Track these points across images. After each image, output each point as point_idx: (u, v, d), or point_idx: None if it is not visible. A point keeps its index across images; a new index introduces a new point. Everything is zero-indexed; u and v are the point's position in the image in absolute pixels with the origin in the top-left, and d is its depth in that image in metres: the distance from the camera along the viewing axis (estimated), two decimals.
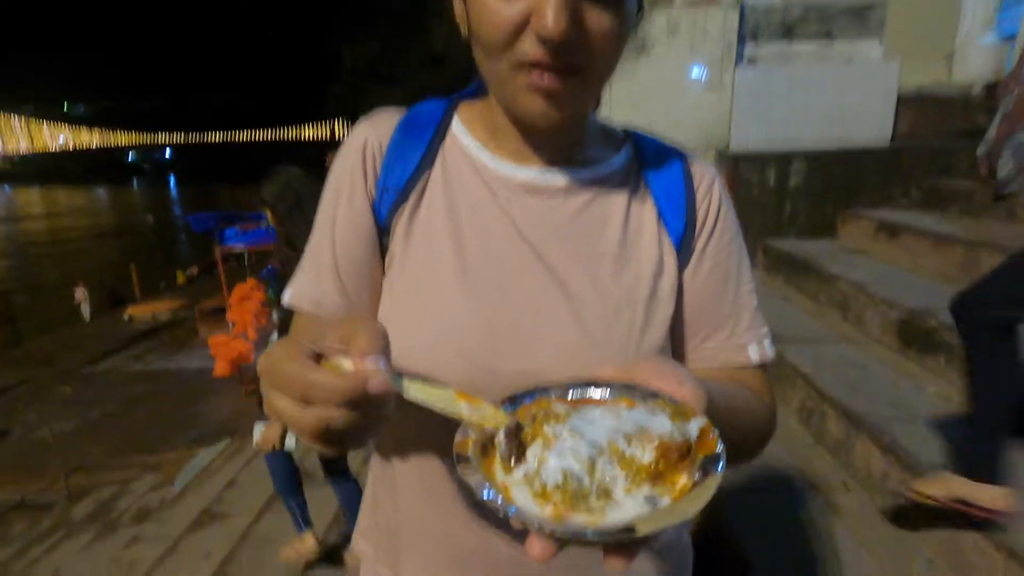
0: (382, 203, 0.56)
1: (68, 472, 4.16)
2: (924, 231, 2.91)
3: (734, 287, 0.60)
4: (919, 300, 2.33)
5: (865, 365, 2.23)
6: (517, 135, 0.56)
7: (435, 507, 0.57)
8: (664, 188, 0.58)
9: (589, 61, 0.46)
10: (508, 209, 0.55)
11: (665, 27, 4.96)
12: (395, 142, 0.57)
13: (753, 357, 0.60)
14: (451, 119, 0.59)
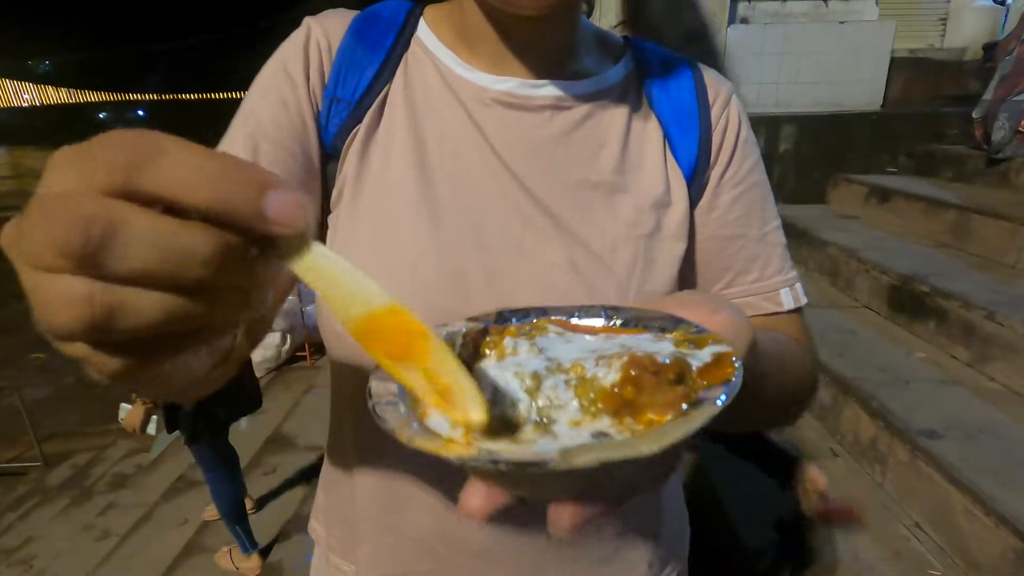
0: (330, 118, 0.45)
1: (42, 439, 4.06)
2: (915, 196, 2.87)
3: (758, 224, 0.51)
4: (910, 265, 2.30)
5: (854, 331, 2.20)
6: (495, 36, 0.46)
7: (392, 492, 0.49)
8: (672, 105, 0.49)
9: None
10: (483, 128, 0.46)
11: None
12: (346, 46, 0.46)
13: (786, 302, 0.51)
14: (416, 22, 0.49)
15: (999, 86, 2.89)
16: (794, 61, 4.84)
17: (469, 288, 0.43)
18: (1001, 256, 2.28)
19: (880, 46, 4.86)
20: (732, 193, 0.50)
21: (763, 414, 0.44)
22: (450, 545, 0.48)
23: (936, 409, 1.64)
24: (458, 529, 0.48)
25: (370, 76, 0.46)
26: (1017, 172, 2.76)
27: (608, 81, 0.49)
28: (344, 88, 0.45)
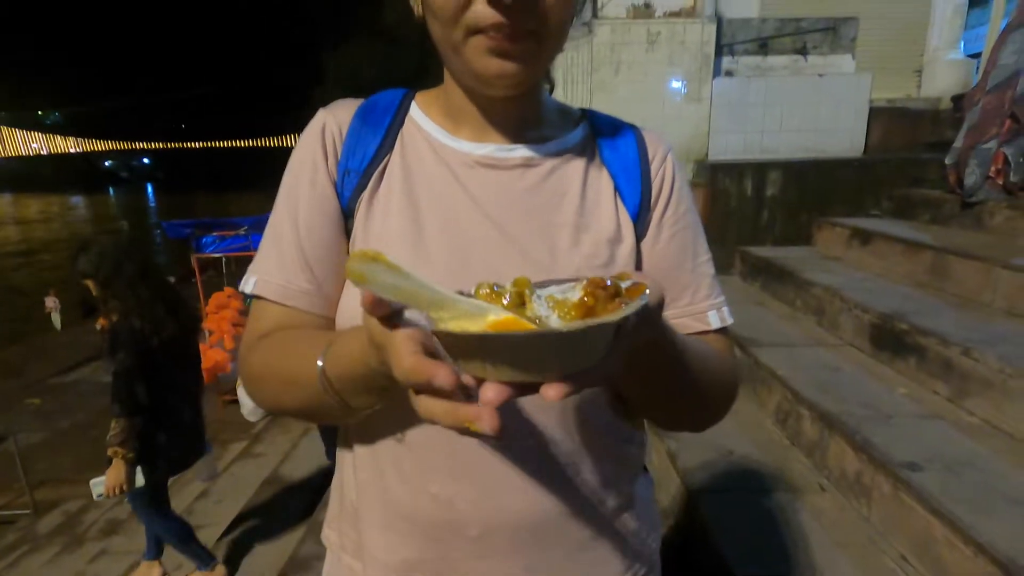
0: (344, 186, 0.56)
1: (34, 485, 4.02)
2: (895, 238, 2.98)
3: (691, 257, 0.62)
4: (890, 304, 2.38)
5: (839, 368, 2.26)
6: (475, 112, 0.57)
7: (393, 487, 0.56)
8: (619, 161, 0.60)
9: (540, 26, 0.48)
10: (467, 184, 0.56)
11: (645, 39, 5.04)
12: (354, 128, 0.58)
13: (713, 322, 0.61)
14: (409, 105, 0.61)
15: (968, 134, 3.05)
16: (777, 111, 5.08)
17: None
18: (977, 295, 2.37)
19: (858, 97, 5.11)
20: (670, 231, 0.60)
21: (686, 391, 0.53)
22: (450, 531, 0.55)
23: (917, 443, 1.68)
24: (457, 517, 0.54)
25: (373, 149, 0.57)
26: (990, 215, 2.88)
27: (568, 143, 0.60)
28: (353, 160, 0.57)
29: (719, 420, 0.60)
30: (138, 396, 2.07)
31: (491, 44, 0.47)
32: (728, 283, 3.76)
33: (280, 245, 0.57)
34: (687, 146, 5.17)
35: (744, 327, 2.75)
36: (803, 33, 5.36)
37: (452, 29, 0.48)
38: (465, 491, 0.54)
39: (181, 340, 2.24)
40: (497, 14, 0.46)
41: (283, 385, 0.52)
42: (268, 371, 0.54)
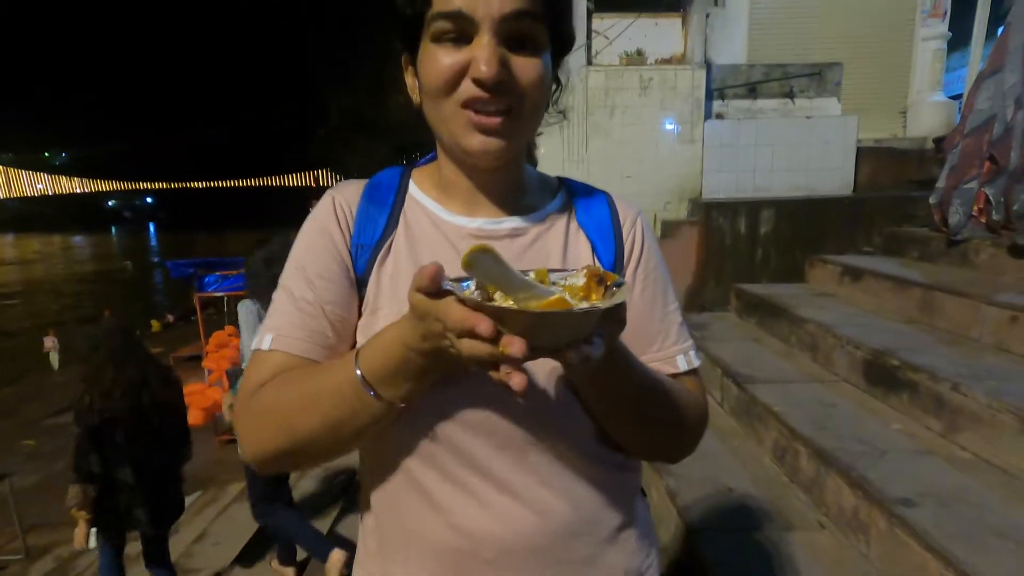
0: (358, 258, 0.64)
1: (27, 529, 3.96)
2: (885, 275, 3.05)
3: (661, 308, 0.69)
4: (882, 340, 2.43)
5: (834, 404, 2.29)
6: (466, 185, 0.65)
7: (411, 511, 0.62)
8: (595, 225, 0.68)
9: (518, 103, 0.57)
10: (462, 253, 0.63)
11: (637, 84, 5.25)
12: (362, 207, 0.66)
13: (681, 366, 0.68)
14: (407, 183, 0.70)
15: (950, 175, 3.17)
16: (768, 151, 5.24)
17: None
18: (966, 331, 2.42)
19: (846, 138, 5.27)
20: (641, 285, 0.68)
21: (651, 415, 0.62)
22: (469, 555, 0.61)
23: (912, 478, 1.70)
24: (474, 545, 0.60)
25: (381, 226, 0.65)
26: (976, 252, 2.96)
27: (549, 212, 0.68)
28: (364, 237, 0.65)
29: (690, 451, 0.68)
30: (91, 465, 2.25)
31: (475, 120, 0.56)
32: (724, 319, 3.81)
33: (299, 306, 0.62)
34: (681, 185, 5.31)
35: (740, 363, 2.79)
36: (790, 78, 5.58)
37: (443, 103, 0.57)
38: (484, 522, 0.60)
39: (145, 416, 2.35)
40: (480, 90, 0.54)
41: (302, 404, 0.56)
42: (276, 401, 0.57)
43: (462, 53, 0.55)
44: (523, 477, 0.60)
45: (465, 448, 0.59)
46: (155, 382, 2.37)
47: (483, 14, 0.53)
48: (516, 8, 0.54)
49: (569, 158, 5.08)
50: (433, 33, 0.56)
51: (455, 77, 0.55)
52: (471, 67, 0.54)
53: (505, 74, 0.54)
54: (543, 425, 0.60)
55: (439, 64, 0.55)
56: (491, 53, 0.53)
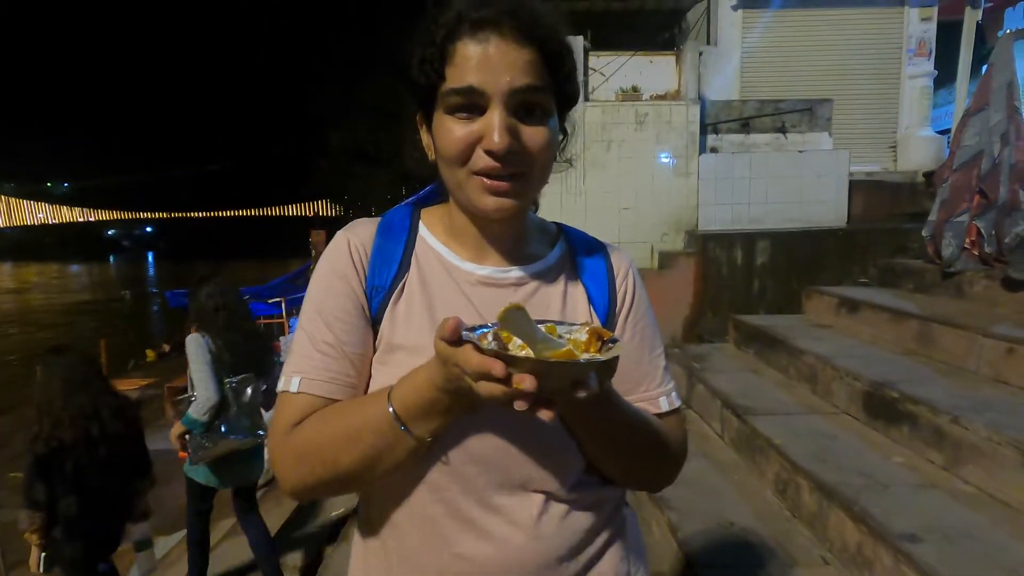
0: (372, 299, 0.68)
1: (11, 565, 3.85)
2: (881, 307, 3.08)
3: (648, 353, 0.74)
4: (881, 372, 2.43)
5: (835, 436, 2.28)
6: (475, 233, 0.70)
7: (417, 544, 0.65)
8: (591, 275, 0.74)
9: (527, 168, 0.61)
10: (471, 298, 0.68)
11: (633, 119, 5.37)
12: (378, 246, 0.70)
13: (664, 407, 0.73)
14: (418, 223, 0.73)
15: (941, 209, 3.22)
16: (762, 184, 5.33)
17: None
18: (963, 363, 2.43)
19: (838, 171, 5.37)
20: (631, 331, 0.73)
21: (629, 451, 0.67)
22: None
23: (915, 513, 1.69)
24: (476, 569, 0.64)
25: (394, 269, 0.69)
26: (970, 284, 2.99)
27: (550, 261, 0.73)
28: (379, 279, 0.68)
29: (669, 482, 0.74)
30: (37, 494, 2.27)
31: (487, 185, 0.61)
32: (723, 350, 3.81)
33: (320, 348, 0.65)
34: (677, 217, 5.38)
35: (740, 395, 2.78)
36: (782, 113, 5.72)
37: (458, 170, 0.62)
38: (484, 548, 0.63)
39: (94, 447, 2.36)
40: (492, 160, 0.59)
41: (344, 441, 0.60)
42: (318, 440, 0.62)
43: (474, 125, 0.59)
44: (522, 507, 0.64)
45: (471, 481, 0.63)
46: (106, 414, 2.39)
47: (494, 89, 0.58)
48: (525, 83, 0.58)
49: (567, 191, 5.16)
50: (447, 106, 0.60)
51: (468, 148, 0.60)
52: (484, 139, 0.59)
53: (515, 144, 0.59)
54: (542, 460, 0.65)
55: (453, 136, 0.60)
56: (502, 126, 0.58)
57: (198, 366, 2.51)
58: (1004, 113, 3.01)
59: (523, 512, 0.64)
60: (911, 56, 6.30)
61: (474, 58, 0.58)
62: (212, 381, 2.50)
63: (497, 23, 0.58)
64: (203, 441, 2.50)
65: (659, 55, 5.81)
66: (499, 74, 0.58)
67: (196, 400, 2.49)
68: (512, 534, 0.63)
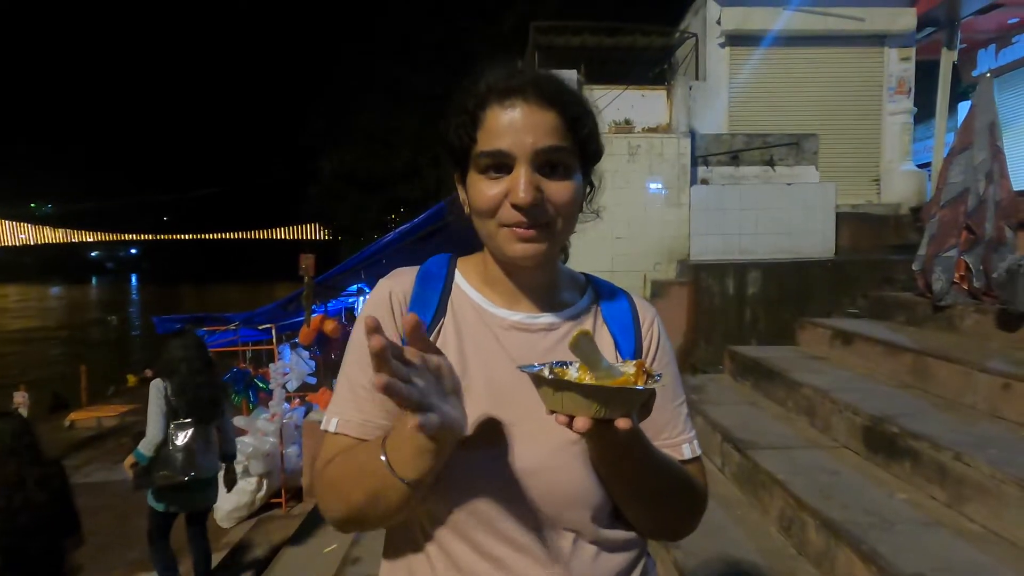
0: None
1: None
2: (875, 340, 3.11)
3: (672, 401, 0.77)
4: (879, 406, 2.45)
5: (837, 471, 2.28)
6: (508, 282, 0.74)
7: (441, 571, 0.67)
8: (618, 323, 0.77)
9: (552, 219, 0.67)
10: (504, 343, 0.72)
11: (626, 151, 5.47)
12: (416, 293, 0.74)
13: (686, 453, 0.76)
14: (454, 273, 0.77)
15: (930, 243, 3.30)
16: (752, 216, 5.43)
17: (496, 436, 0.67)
18: (960, 397, 2.46)
19: (825, 203, 5.50)
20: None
21: (656, 494, 0.69)
22: None
23: (923, 552, 1.68)
24: None
25: (431, 314, 0.72)
26: (960, 318, 3.05)
27: (579, 309, 0.77)
28: None
29: (691, 530, 0.75)
30: None
31: (516, 233, 0.66)
32: (719, 382, 3.82)
33: (356, 392, 0.70)
34: (670, 247, 5.45)
35: (740, 429, 2.78)
36: (770, 147, 5.87)
37: (489, 222, 0.67)
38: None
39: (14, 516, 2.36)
40: (518, 214, 0.65)
41: (354, 478, 0.63)
42: (341, 475, 0.66)
43: (503, 183, 0.65)
44: (553, 546, 0.66)
45: (495, 521, 0.65)
46: (31, 483, 2.40)
47: (520, 150, 0.64)
48: (548, 144, 0.65)
49: None
50: (479, 167, 0.67)
51: (498, 204, 0.66)
52: (511, 194, 0.64)
53: (539, 198, 0.64)
54: (572, 500, 0.67)
55: (485, 194, 0.66)
56: (527, 182, 0.63)
57: (152, 408, 2.99)
58: (988, 152, 3.11)
59: (553, 552, 0.66)
60: (891, 94, 6.53)
61: (502, 123, 0.65)
62: (161, 423, 2.97)
63: (523, 91, 0.65)
64: (148, 472, 2.97)
65: (651, 89, 5.96)
66: (524, 136, 0.64)
67: (145, 437, 2.96)
68: (536, 571, 0.65)
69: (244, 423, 5.51)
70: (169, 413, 3.00)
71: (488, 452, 0.66)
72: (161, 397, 2.99)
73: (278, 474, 5.37)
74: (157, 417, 2.97)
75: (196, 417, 3.06)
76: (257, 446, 5.26)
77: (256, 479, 5.28)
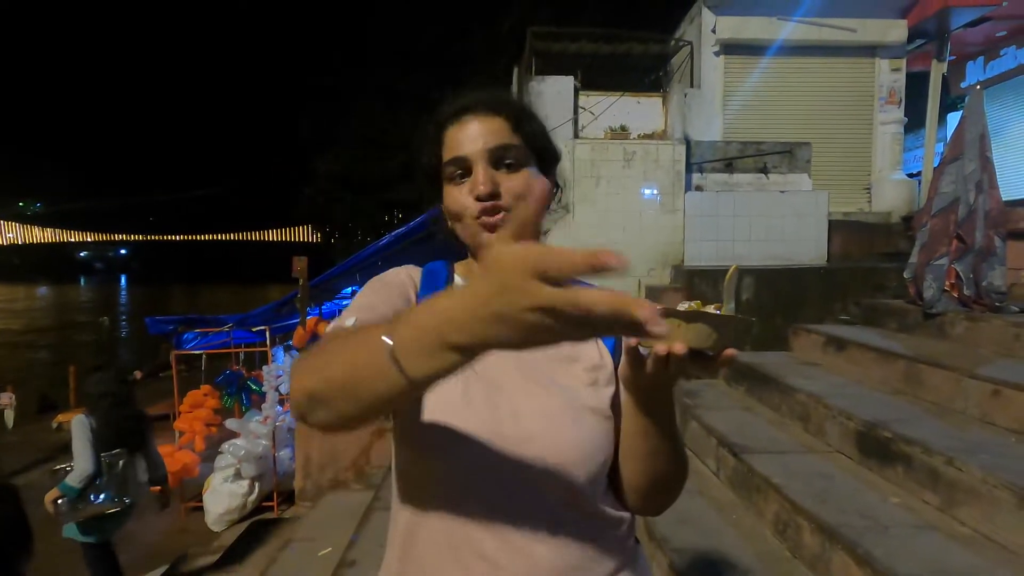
0: None
1: None
2: (868, 346, 3.15)
3: None
4: (872, 412, 2.48)
5: (831, 476, 2.31)
6: None
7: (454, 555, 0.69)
8: None
9: (511, 203, 0.74)
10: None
11: (621, 157, 5.51)
12: (424, 282, 0.82)
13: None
14: (453, 275, 0.85)
15: (921, 252, 3.35)
16: (746, 222, 5.47)
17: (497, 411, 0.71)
18: (951, 403, 2.49)
19: (818, 211, 5.55)
20: None
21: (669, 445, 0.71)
22: None
23: (917, 556, 1.71)
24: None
25: None
26: (951, 325, 3.10)
27: None
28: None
29: (674, 499, 0.79)
30: None
31: (484, 222, 0.74)
32: (714, 387, 3.84)
33: (375, 308, 0.74)
34: (664, 253, 5.49)
35: (735, 433, 2.80)
36: (763, 155, 5.93)
37: (465, 223, 0.76)
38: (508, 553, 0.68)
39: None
40: (481, 203, 0.73)
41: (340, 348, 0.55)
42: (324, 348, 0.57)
43: (467, 185, 0.75)
44: (541, 537, 0.68)
45: (497, 518, 0.68)
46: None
47: (473, 152, 0.74)
48: (497, 143, 0.75)
49: (557, 224, 5.24)
50: (447, 177, 0.77)
51: (466, 204, 0.75)
52: (472, 189, 0.74)
53: (495, 188, 0.73)
54: (558, 479, 0.69)
55: (455, 199, 0.76)
56: (483, 176, 0.73)
57: (80, 443, 3.05)
58: (978, 163, 3.17)
59: (544, 541, 0.68)
60: (882, 104, 6.63)
61: (459, 136, 0.75)
62: (90, 456, 3.02)
63: (472, 108, 0.76)
64: (77, 504, 3.01)
65: (646, 96, 6.02)
66: (477, 141, 0.74)
67: (74, 471, 3.00)
68: (529, 563, 0.68)
69: (236, 426, 5.48)
70: (97, 445, 3.07)
71: (486, 427, 0.69)
72: (87, 430, 3.08)
73: (270, 477, 5.34)
74: (86, 450, 3.03)
75: (125, 446, 3.16)
76: (249, 449, 5.23)
77: (248, 482, 5.25)
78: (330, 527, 3.45)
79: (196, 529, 5.23)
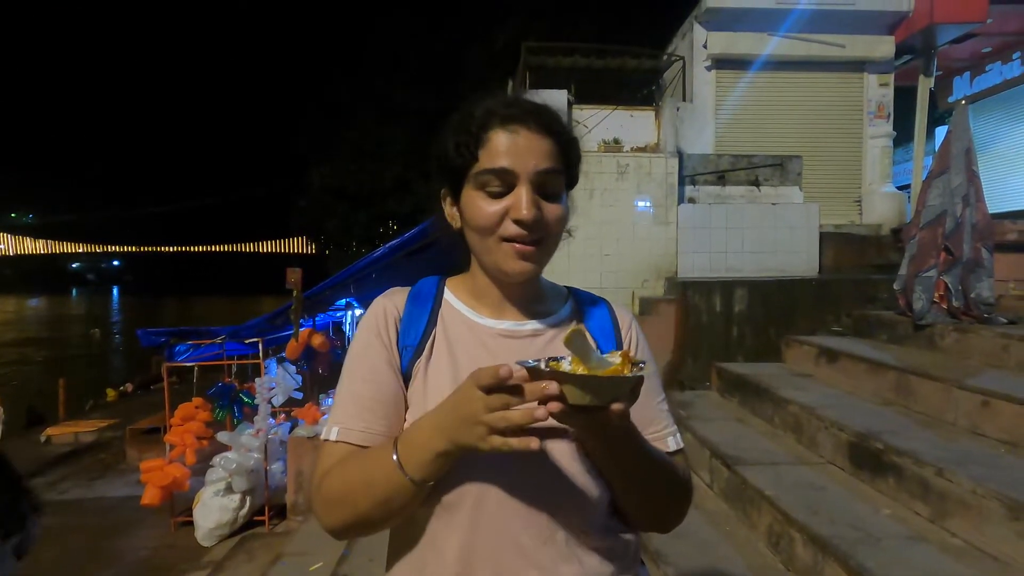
0: (403, 357, 0.76)
1: None
2: (859, 357, 3.17)
3: (653, 398, 0.81)
4: (864, 423, 2.49)
5: (823, 487, 2.31)
6: (496, 293, 0.79)
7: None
8: (599, 329, 0.83)
9: (546, 235, 0.73)
10: (493, 350, 0.77)
11: (615, 169, 5.55)
12: (408, 311, 0.79)
13: (671, 446, 0.81)
14: (443, 289, 0.83)
15: (910, 264, 3.39)
16: (738, 234, 5.52)
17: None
18: (941, 414, 2.51)
19: (809, 223, 5.61)
20: None
21: (649, 482, 0.73)
22: None
23: (909, 567, 1.71)
24: None
25: (421, 328, 0.77)
26: (941, 336, 3.12)
27: (562, 316, 0.82)
28: (408, 338, 0.77)
29: (680, 519, 0.79)
30: None
31: (517, 250, 0.72)
32: (706, 398, 3.85)
33: (358, 401, 0.74)
34: (658, 264, 5.52)
35: (728, 445, 2.81)
36: (755, 167, 6.00)
37: (488, 238, 0.72)
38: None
39: None
40: (520, 229, 0.70)
41: (360, 487, 0.67)
42: (345, 484, 0.69)
43: (503, 201, 0.71)
44: (548, 552, 0.69)
45: (503, 533, 0.69)
46: None
47: (522, 170, 0.70)
48: (547, 166, 0.71)
49: None
50: (478, 183, 0.72)
51: (497, 220, 0.71)
52: (513, 210, 0.70)
53: (539, 215, 0.71)
54: (568, 507, 0.71)
55: (486, 210, 0.71)
56: (530, 200, 0.70)
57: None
58: (964, 176, 3.22)
59: (548, 555, 0.69)
60: (872, 118, 6.73)
61: (506, 144, 0.70)
62: None
63: (524, 119, 0.71)
64: None
65: (639, 110, 6.08)
66: (527, 158, 0.70)
67: None
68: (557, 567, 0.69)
69: (228, 439, 5.42)
70: None
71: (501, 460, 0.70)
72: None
73: (262, 491, 5.27)
74: None
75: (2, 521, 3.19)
76: (241, 462, 5.17)
77: (239, 496, 5.18)
78: (322, 542, 3.41)
79: (185, 544, 5.14)
